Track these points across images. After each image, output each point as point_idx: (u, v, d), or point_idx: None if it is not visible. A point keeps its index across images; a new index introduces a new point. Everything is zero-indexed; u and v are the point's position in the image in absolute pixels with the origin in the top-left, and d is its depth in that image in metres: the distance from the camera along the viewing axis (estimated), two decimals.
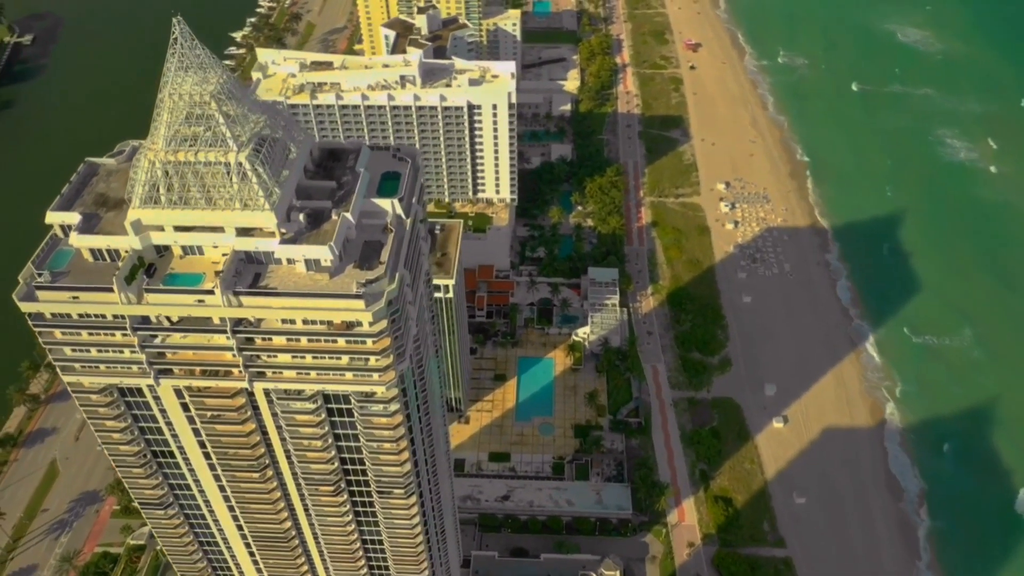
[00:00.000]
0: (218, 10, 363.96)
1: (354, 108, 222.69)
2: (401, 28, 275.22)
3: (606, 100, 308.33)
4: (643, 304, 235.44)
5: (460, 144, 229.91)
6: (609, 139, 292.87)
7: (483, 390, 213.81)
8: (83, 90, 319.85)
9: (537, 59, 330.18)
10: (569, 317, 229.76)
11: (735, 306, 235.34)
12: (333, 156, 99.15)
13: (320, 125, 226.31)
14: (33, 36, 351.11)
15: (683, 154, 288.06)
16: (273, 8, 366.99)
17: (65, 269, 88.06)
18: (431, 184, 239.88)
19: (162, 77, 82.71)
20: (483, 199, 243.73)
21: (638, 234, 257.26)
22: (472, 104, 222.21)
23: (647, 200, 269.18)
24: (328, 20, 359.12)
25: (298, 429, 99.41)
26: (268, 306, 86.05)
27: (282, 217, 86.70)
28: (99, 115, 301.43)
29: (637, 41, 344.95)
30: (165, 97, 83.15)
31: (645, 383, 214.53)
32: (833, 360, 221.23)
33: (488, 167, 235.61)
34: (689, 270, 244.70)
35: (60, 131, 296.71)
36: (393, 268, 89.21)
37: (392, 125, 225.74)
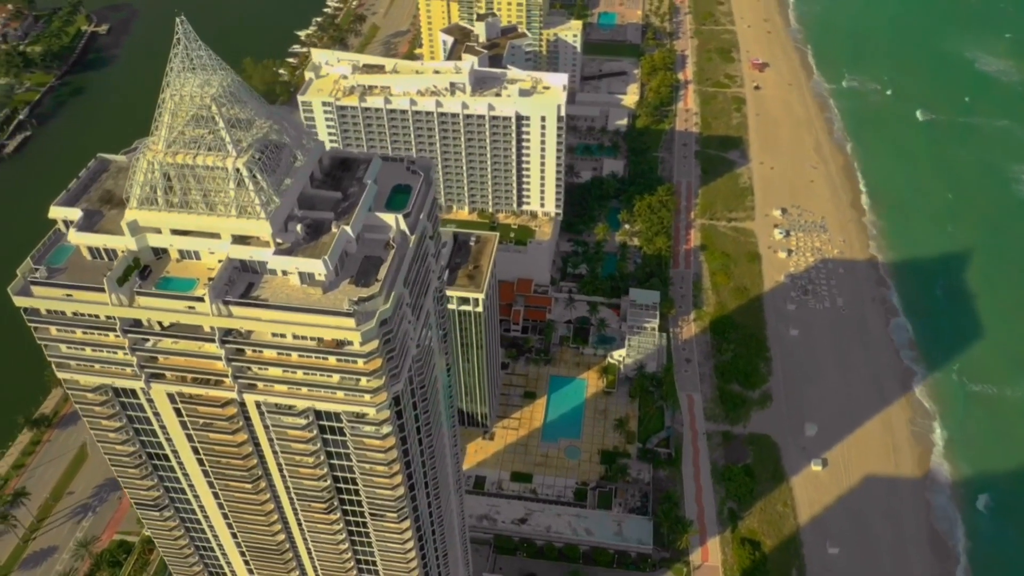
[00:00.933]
0: (287, 8, 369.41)
1: (402, 113, 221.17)
2: (459, 34, 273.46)
3: (664, 117, 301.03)
4: (684, 330, 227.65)
5: (506, 155, 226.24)
6: (664, 157, 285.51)
7: (511, 407, 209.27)
8: (149, 81, 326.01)
9: (597, 71, 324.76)
10: (606, 338, 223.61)
11: (781, 339, 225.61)
12: (344, 165, 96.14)
13: (368, 128, 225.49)
14: (109, 26, 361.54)
15: (739, 177, 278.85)
16: (340, 9, 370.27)
17: (63, 266, 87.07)
18: (476, 193, 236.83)
19: (164, 77, 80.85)
20: (527, 211, 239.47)
21: (685, 257, 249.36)
22: (520, 115, 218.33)
23: (698, 222, 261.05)
24: (392, 23, 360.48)
25: (289, 444, 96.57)
26: (258, 318, 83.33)
27: (278, 227, 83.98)
28: None
29: (702, 58, 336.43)
30: (167, 98, 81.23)
31: (679, 412, 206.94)
32: (881, 403, 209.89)
33: (534, 180, 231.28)
34: (735, 298, 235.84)
35: (124, 120, 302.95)
36: (390, 287, 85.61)
37: (439, 132, 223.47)
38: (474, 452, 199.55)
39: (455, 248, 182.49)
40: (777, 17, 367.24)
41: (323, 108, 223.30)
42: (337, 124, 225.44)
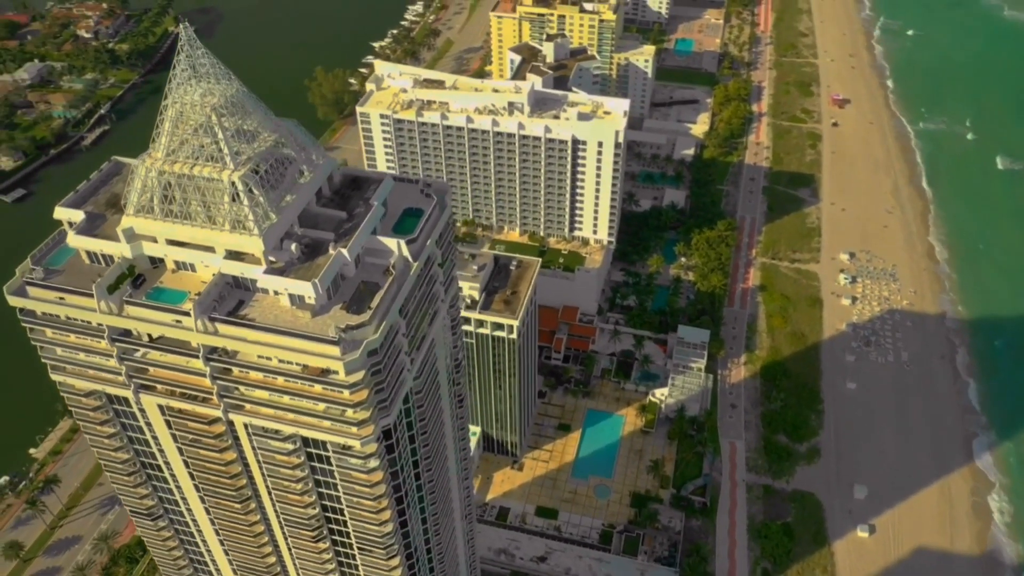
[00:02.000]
0: (366, 19, 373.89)
1: (458, 130, 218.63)
2: (528, 53, 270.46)
3: (733, 149, 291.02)
4: (732, 373, 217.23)
5: (561, 179, 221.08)
6: (729, 190, 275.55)
7: (544, 438, 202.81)
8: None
9: (668, 98, 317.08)
10: (649, 375, 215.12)
11: (836, 391, 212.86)
12: (355, 184, 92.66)
13: (423, 143, 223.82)
14: (195, 29, 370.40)
15: (808, 216, 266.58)
16: (416, 22, 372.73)
17: (61, 268, 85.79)
18: (528, 216, 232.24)
19: (167, 83, 78.76)
20: (579, 238, 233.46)
21: (741, 296, 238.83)
22: (577, 139, 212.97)
23: (758, 261, 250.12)
24: (467, 39, 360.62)
25: (277, 468, 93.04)
26: (243, 337, 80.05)
27: (272, 244, 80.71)
28: None
29: (779, 90, 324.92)
30: (168, 105, 79.07)
31: (719, 460, 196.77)
32: (941, 470, 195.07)
33: (587, 206, 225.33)
34: (791, 343, 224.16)
35: None
36: (382, 316, 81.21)
37: (494, 151, 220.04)
38: (500, 481, 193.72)
39: (495, 271, 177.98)
40: (863, 52, 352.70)
41: (380, 120, 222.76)
42: (393, 137, 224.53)
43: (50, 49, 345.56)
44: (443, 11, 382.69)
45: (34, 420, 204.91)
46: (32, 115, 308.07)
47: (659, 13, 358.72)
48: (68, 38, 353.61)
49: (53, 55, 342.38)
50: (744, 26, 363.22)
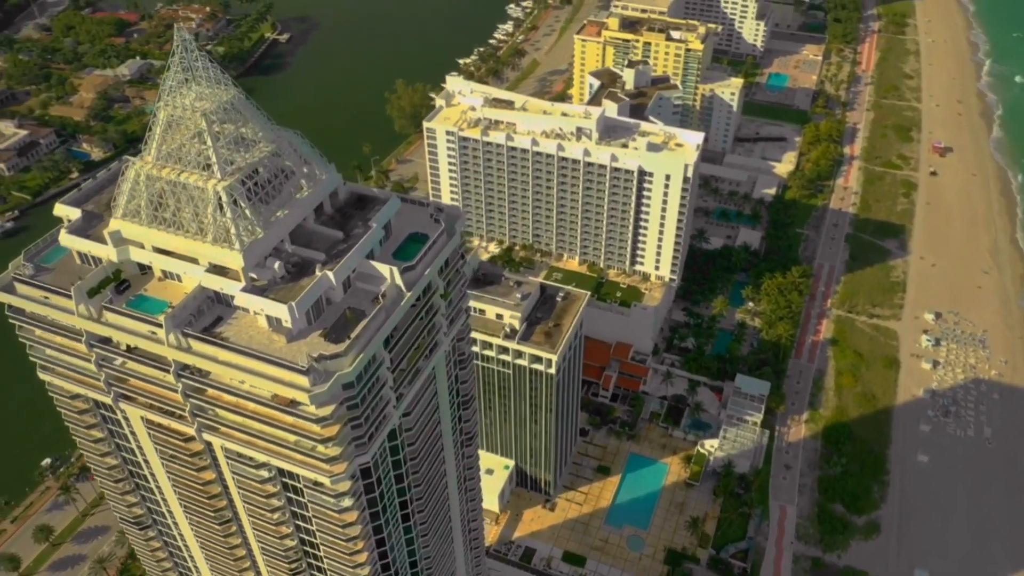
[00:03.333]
0: (456, 35, 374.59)
1: (522, 152, 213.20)
2: (607, 79, 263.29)
3: (819, 192, 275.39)
4: (791, 431, 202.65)
5: (624, 210, 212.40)
6: (809, 235, 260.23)
7: (581, 478, 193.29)
8: (309, 92, 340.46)
9: (753, 134, 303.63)
10: (700, 423, 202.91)
11: (906, 462, 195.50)
12: (360, 204, 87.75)
13: (487, 163, 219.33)
14: (290, 35, 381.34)
15: (893, 269, 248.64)
16: (505, 42, 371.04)
17: (52, 266, 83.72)
18: (588, 245, 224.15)
19: (161, 85, 75.54)
20: (640, 273, 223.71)
21: (810, 349, 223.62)
22: (644, 170, 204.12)
23: (833, 312, 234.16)
24: (553, 61, 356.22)
25: (252, 496, 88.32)
26: (214, 357, 75.58)
27: (253, 261, 76.18)
28: (319, 116, 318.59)
29: (875, 133, 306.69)
30: (160, 108, 75.81)
31: (766, 523, 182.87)
32: (1018, 563, 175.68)
33: (650, 240, 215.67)
34: (860, 405, 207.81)
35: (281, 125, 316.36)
36: (361, 347, 75.39)
37: (558, 176, 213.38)
38: (530, 520, 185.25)
39: (540, 301, 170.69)
40: (972, 98, 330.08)
41: (446, 137, 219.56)
42: (458, 155, 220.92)
43: (152, 48, 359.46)
44: (533, 32, 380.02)
45: None
46: (127, 109, 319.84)
47: (754, 46, 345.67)
48: (170, 38, 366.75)
49: (155, 53, 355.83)
50: (844, 64, 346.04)
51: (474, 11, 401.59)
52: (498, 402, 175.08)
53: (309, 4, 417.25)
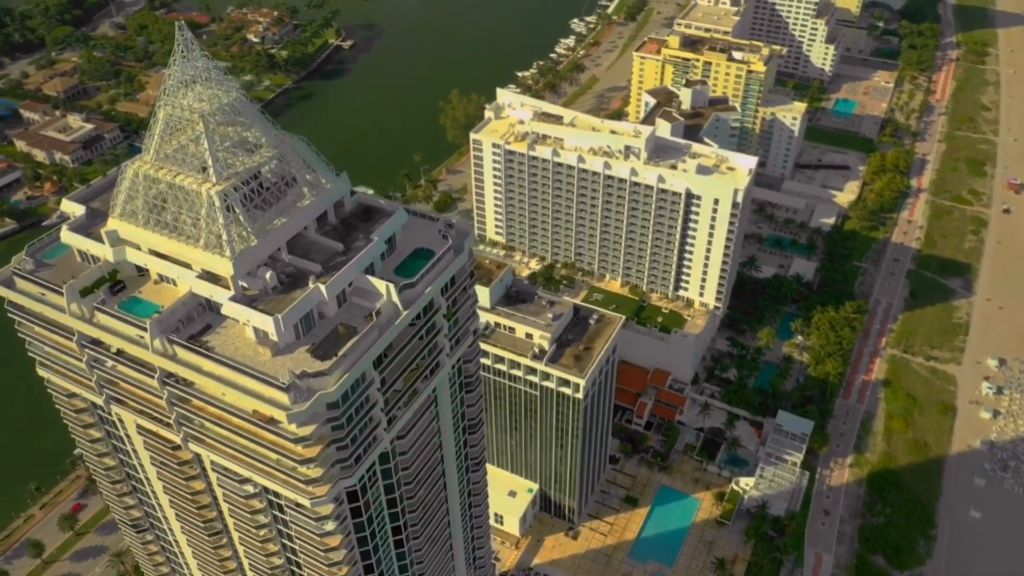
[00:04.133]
0: (517, 48, 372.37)
1: (568, 168, 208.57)
2: (664, 97, 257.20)
3: (881, 224, 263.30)
4: (833, 474, 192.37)
5: (670, 233, 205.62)
6: (867, 269, 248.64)
7: (607, 508, 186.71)
8: (370, 98, 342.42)
9: (815, 161, 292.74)
10: (736, 459, 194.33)
11: (956, 517, 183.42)
12: (366, 215, 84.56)
13: (532, 178, 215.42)
14: (353, 42, 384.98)
15: (956, 310, 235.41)
16: (565, 56, 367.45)
17: (52, 263, 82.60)
18: (631, 267, 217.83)
19: (162, 85, 73.60)
20: (683, 298, 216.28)
21: (860, 389, 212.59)
22: (692, 192, 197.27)
23: (887, 352, 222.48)
24: (613, 77, 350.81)
25: (238, 510, 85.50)
26: (198, 366, 73.00)
27: (243, 269, 73.42)
28: (375, 122, 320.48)
29: (945, 166, 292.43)
30: (160, 108, 73.86)
31: (799, 571, 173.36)
32: None
33: (695, 266, 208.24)
34: (910, 452, 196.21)
35: (336, 130, 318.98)
36: (348, 365, 71.85)
37: (603, 195, 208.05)
38: (551, 547, 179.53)
39: (572, 323, 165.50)
40: None
41: (492, 150, 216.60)
42: (503, 168, 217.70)
43: (220, 49, 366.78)
44: (594, 47, 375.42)
45: None
46: None
47: (822, 70, 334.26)
48: (238, 41, 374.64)
49: (221, 55, 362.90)
50: (917, 92, 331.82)
51: (537, 25, 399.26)
52: (524, 423, 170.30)
53: (375, 12, 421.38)
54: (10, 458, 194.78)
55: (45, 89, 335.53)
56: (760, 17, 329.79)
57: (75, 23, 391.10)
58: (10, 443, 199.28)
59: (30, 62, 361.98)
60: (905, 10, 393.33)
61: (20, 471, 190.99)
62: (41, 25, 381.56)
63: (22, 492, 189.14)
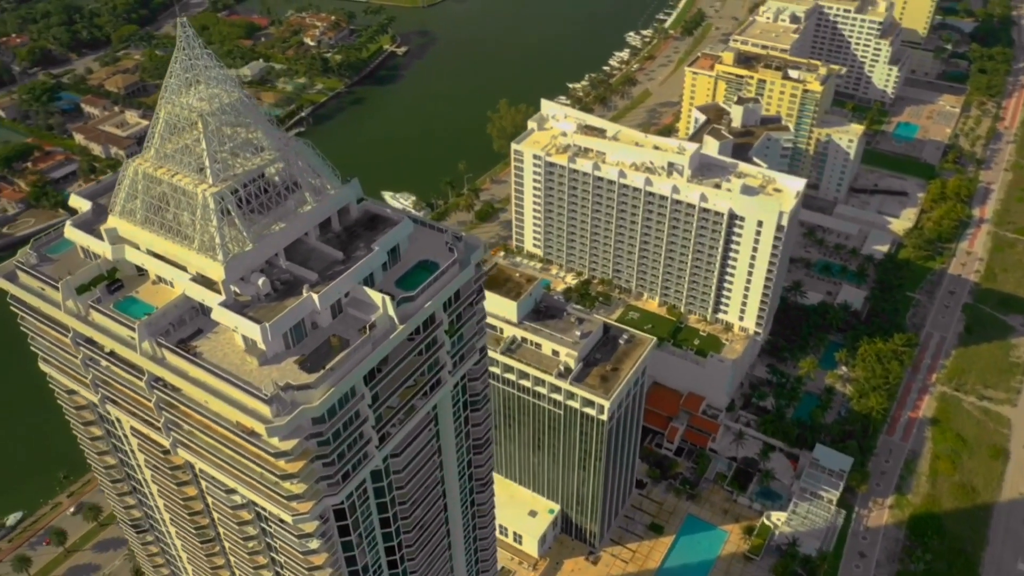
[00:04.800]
0: (571, 60, 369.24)
1: (608, 183, 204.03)
2: (714, 114, 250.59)
3: (937, 254, 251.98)
4: (871, 515, 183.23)
5: (711, 254, 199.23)
6: (920, 300, 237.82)
7: (630, 534, 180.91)
8: (419, 105, 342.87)
9: (871, 185, 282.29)
10: (769, 492, 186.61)
11: (1003, 570, 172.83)
12: (372, 223, 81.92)
13: (572, 191, 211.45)
14: (408, 49, 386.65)
15: (1014, 348, 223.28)
16: (619, 70, 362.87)
17: (56, 258, 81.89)
18: (670, 287, 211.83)
19: (163, 83, 72.13)
20: (722, 321, 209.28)
21: (905, 426, 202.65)
22: (735, 213, 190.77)
23: (937, 389, 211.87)
24: (666, 92, 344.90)
25: (227, 520, 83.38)
26: (185, 371, 71.03)
27: (235, 274, 71.31)
28: (422, 129, 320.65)
29: (1011, 196, 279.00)
30: (161, 106, 72.35)
31: None
32: None
33: (736, 289, 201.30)
34: (956, 497, 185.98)
35: (384, 134, 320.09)
36: (336, 379, 69.01)
37: (643, 212, 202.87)
38: (570, 571, 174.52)
39: (601, 341, 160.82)
40: None
41: (533, 161, 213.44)
42: (543, 180, 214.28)
43: (276, 52, 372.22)
44: (649, 61, 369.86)
45: None
46: None
47: (884, 92, 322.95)
48: (295, 44, 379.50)
49: (278, 57, 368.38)
50: (984, 118, 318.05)
51: (592, 38, 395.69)
52: (547, 442, 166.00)
53: (432, 20, 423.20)
54: (42, 444, 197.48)
55: (107, 85, 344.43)
56: (821, 36, 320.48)
57: (141, 22, 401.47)
58: (44, 429, 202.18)
59: (95, 59, 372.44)
60: (976, 33, 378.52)
61: (52, 458, 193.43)
62: (108, 23, 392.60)
63: (51, 479, 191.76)
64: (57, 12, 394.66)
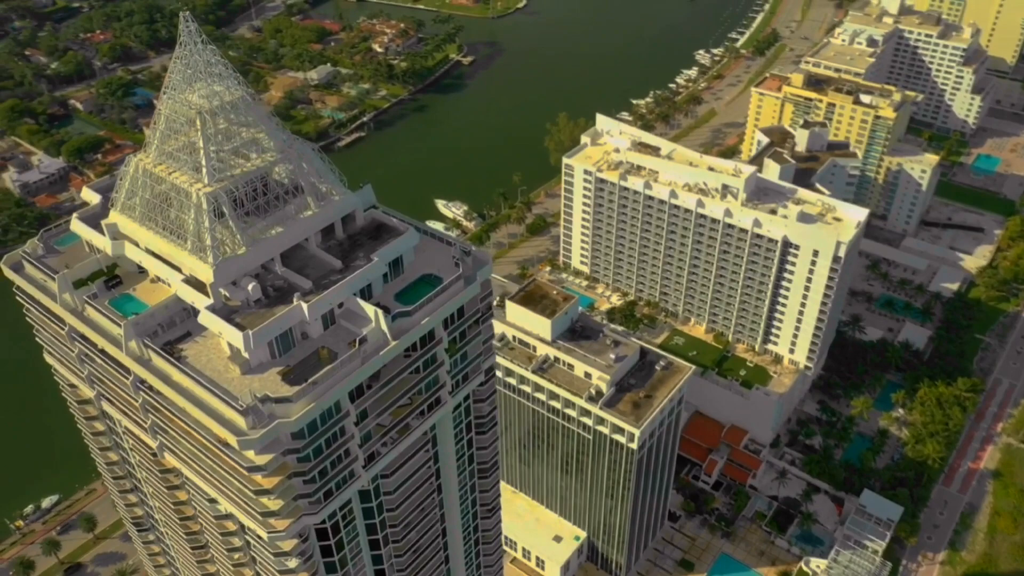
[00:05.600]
0: (636, 76, 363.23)
1: (659, 203, 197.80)
2: (778, 137, 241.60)
3: (1012, 296, 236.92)
4: (920, 570, 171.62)
5: (762, 282, 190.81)
6: (990, 344, 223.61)
7: (659, 568, 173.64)
8: (482, 114, 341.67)
9: (944, 219, 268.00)
10: (810, 536, 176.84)
11: None
12: (376, 232, 78.83)
13: (621, 209, 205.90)
14: (474, 59, 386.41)
15: None
16: (685, 88, 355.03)
17: (62, 251, 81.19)
18: (718, 314, 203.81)
19: (165, 79, 70.40)
20: (771, 353, 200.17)
21: (964, 477, 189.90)
22: (789, 241, 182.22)
23: (1001, 440, 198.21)
24: (732, 113, 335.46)
25: (211, 529, 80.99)
26: (168, 375, 68.87)
27: (224, 278, 68.94)
28: (481, 139, 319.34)
29: None
30: (163, 103, 70.60)
31: None
32: None
33: (787, 320, 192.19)
34: (1016, 557, 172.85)
35: (443, 143, 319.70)
36: (318, 394, 65.78)
37: (693, 234, 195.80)
38: None
39: (637, 366, 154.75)
40: None
41: (583, 176, 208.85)
42: (593, 196, 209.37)
43: (344, 57, 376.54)
44: (717, 81, 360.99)
45: None
46: (307, 111, 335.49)
47: (964, 121, 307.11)
48: (363, 50, 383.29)
49: (345, 62, 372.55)
50: None
51: (660, 54, 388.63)
52: (576, 466, 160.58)
53: (501, 30, 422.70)
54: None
55: None
56: (899, 61, 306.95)
57: (218, 23, 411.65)
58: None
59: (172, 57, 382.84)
60: None
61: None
62: None
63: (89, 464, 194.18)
64: (140, 11, 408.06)
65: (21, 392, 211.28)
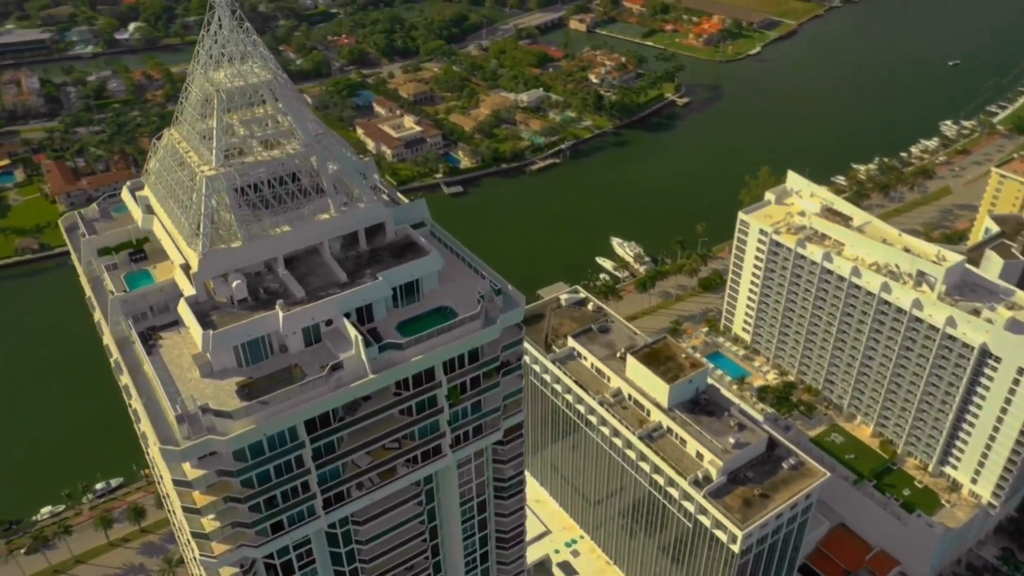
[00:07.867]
0: (862, 138, 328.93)
1: (838, 279, 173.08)
2: (1013, 227, 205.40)
3: None
4: None
5: (948, 392, 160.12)
6: None
7: None
8: (685, 156, 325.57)
9: None
10: None
11: None
12: (403, 251, 70.18)
13: (795, 279, 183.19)
14: (689, 100, 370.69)
15: None
16: (921, 159, 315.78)
17: (117, 218, 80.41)
18: (890, 417, 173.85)
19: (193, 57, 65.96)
20: (948, 477, 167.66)
21: None
22: (988, 350, 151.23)
23: None
24: (969, 194, 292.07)
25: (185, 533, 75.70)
26: (139, 362, 64.39)
27: (209, 271, 63.61)
28: (679, 181, 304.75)
29: None
30: (192, 81, 66.50)
31: None
32: None
33: (974, 442, 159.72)
34: None
35: (635, 180, 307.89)
36: (265, 416, 58.06)
37: (873, 322, 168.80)
38: None
39: (760, 458, 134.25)
40: None
41: (758, 235, 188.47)
42: (765, 259, 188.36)
43: (558, 84, 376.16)
44: (961, 156, 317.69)
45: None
46: (510, 131, 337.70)
47: None
48: (579, 79, 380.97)
49: (558, 88, 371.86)
50: None
51: (899, 119, 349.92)
52: (672, 552, 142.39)
53: (725, 74, 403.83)
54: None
55: (400, 90, 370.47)
56: None
57: (449, 39, 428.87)
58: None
59: (401, 66, 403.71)
60: None
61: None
62: (421, 36, 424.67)
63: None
64: (383, 21, 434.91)
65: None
